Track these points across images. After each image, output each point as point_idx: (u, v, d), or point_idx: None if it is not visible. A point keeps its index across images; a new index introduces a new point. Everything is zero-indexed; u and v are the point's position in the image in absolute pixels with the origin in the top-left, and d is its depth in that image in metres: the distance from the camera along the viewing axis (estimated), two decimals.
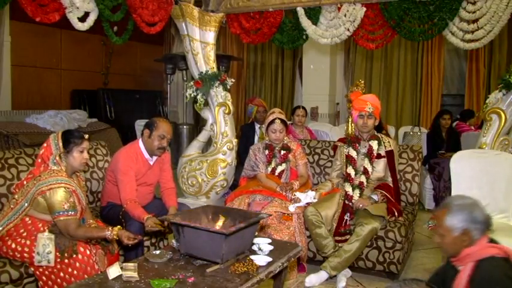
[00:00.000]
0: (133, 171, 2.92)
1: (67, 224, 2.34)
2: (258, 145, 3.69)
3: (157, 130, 2.94)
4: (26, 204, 2.36)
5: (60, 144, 2.44)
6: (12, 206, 2.39)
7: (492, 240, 1.78)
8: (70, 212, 2.35)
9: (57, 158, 2.42)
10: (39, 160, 2.48)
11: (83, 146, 2.48)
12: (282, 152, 3.52)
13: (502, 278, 1.61)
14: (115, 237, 2.38)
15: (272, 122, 3.49)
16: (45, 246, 2.28)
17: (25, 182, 2.42)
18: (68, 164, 2.47)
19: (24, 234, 2.39)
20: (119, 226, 2.44)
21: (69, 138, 2.47)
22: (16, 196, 2.41)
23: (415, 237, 3.88)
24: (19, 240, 2.37)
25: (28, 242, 2.35)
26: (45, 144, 2.48)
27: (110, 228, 2.40)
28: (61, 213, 2.33)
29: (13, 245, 2.36)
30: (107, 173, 3.12)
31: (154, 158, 3.06)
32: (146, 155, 3.01)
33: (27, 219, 2.40)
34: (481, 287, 1.64)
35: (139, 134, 6.43)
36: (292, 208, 3.17)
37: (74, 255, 2.32)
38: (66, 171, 2.44)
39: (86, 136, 2.53)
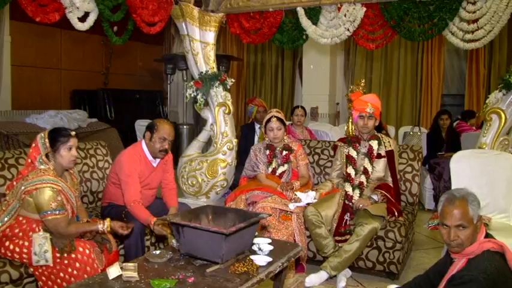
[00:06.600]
0: (138, 172, 2.90)
1: (56, 224, 2.33)
2: (259, 145, 3.68)
3: (158, 132, 2.91)
4: (18, 205, 2.36)
5: (47, 143, 2.41)
6: (4, 208, 2.38)
7: (487, 235, 1.85)
8: (57, 211, 2.33)
9: (44, 157, 2.40)
10: (29, 160, 2.46)
11: (69, 144, 2.44)
12: (284, 152, 3.52)
13: (491, 270, 1.67)
14: (108, 229, 2.39)
15: (269, 120, 3.51)
16: (41, 246, 2.28)
17: (15, 183, 2.41)
18: (57, 163, 2.44)
19: (21, 234, 2.38)
20: (108, 218, 2.47)
21: (56, 137, 2.43)
22: (7, 197, 2.41)
23: (415, 237, 3.88)
24: (16, 241, 2.37)
25: (26, 243, 2.34)
26: (33, 144, 2.46)
27: (102, 221, 2.42)
28: (48, 212, 2.31)
29: (11, 246, 2.36)
30: (109, 174, 3.11)
31: (158, 160, 3.05)
32: (149, 157, 3.00)
33: (21, 218, 2.40)
34: (468, 272, 1.71)
35: (139, 134, 6.47)
36: (292, 206, 3.17)
37: (73, 256, 2.32)
38: (55, 169, 2.42)
39: (73, 133, 2.49)
